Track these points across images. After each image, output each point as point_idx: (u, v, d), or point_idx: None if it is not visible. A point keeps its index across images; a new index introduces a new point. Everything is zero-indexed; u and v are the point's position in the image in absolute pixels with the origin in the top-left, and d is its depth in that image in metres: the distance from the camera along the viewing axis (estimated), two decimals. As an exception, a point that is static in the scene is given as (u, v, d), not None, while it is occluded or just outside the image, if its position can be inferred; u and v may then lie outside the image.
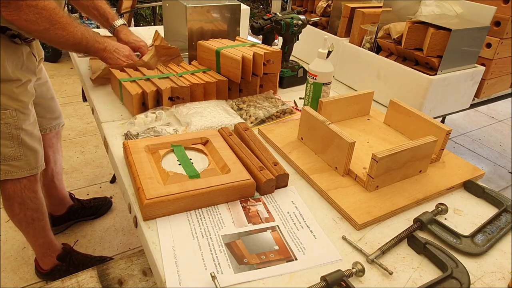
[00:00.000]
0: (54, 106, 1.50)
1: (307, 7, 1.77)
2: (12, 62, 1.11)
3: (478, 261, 0.72)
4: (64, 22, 1.02)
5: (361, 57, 1.40)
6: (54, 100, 1.50)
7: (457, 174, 0.93)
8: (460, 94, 1.37)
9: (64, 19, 1.02)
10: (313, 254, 0.69)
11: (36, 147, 1.26)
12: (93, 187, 2.13)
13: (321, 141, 0.93)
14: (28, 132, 1.22)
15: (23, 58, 1.15)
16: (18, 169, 1.23)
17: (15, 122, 1.17)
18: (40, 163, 1.30)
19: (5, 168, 1.21)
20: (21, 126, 1.18)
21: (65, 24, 1.02)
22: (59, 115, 1.54)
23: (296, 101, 1.28)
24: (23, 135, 1.20)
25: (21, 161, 1.23)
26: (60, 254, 1.53)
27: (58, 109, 1.54)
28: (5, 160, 1.20)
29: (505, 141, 3.09)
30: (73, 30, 1.04)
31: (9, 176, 1.23)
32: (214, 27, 1.42)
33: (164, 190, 0.74)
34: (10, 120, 1.15)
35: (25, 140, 1.21)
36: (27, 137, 1.21)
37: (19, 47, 1.13)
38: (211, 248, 0.69)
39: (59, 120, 1.55)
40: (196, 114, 1.08)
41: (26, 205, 1.32)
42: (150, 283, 1.38)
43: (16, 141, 1.19)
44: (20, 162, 1.23)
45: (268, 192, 0.84)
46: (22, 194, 1.29)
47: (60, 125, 1.56)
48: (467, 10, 1.39)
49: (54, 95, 1.50)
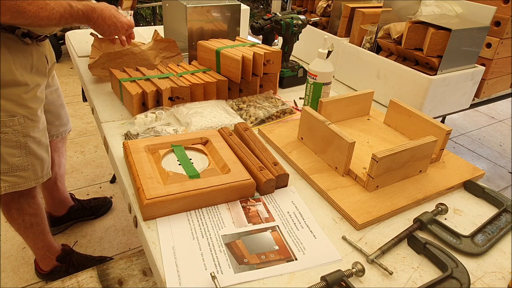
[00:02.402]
0: (64, 113, 1.48)
1: (307, 7, 1.77)
2: (21, 65, 1.06)
3: (478, 261, 0.72)
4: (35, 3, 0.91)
5: (361, 57, 1.40)
6: (64, 107, 1.48)
7: (457, 174, 0.93)
8: (460, 94, 1.37)
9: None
10: (313, 254, 0.69)
11: (43, 156, 1.21)
12: (93, 187, 2.13)
13: (321, 141, 0.93)
14: (36, 140, 1.16)
15: (33, 60, 1.10)
16: (26, 180, 1.18)
17: (23, 130, 1.11)
18: (46, 171, 1.25)
19: (12, 180, 1.15)
20: (29, 134, 1.13)
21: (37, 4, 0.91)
22: (67, 121, 1.52)
23: (296, 101, 1.28)
24: (31, 143, 1.14)
25: (29, 171, 1.17)
26: (60, 255, 1.53)
27: (67, 116, 1.52)
28: (12, 171, 1.13)
29: (505, 141, 3.09)
30: (49, 5, 0.93)
31: (17, 188, 1.17)
32: (214, 27, 1.42)
33: (164, 190, 0.74)
34: (18, 128, 1.09)
35: (33, 149, 1.16)
36: (35, 145, 1.16)
37: (28, 48, 1.08)
38: (211, 248, 0.69)
39: (67, 126, 1.53)
40: (196, 114, 1.08)
41: (24, 211, 1.30)
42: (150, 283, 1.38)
43: (23, 149, 1.13)
44: (28, 172, 1.17)
45: (268, 192, 0.84)
46: (20, 199, 1.26)
47: (68, 131, 1.54)
48: (467, 10, 1.39)
49: (64, 102, 1.48)
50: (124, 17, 1.14)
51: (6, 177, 1.13)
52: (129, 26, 1.15)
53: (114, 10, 1.11)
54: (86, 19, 1.04)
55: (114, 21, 1.10)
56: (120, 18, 1.12)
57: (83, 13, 1.02)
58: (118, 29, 1.12)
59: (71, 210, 1.79)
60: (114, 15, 1.10)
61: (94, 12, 1.05)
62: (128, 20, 1.15)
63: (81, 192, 2.07)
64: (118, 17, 1.11)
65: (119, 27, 1.12)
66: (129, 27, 1.16)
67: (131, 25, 1.16)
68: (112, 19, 1.09)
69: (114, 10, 1.11)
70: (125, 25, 1.13)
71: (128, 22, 1.15)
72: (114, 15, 1.10)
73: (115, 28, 1.11)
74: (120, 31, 1.14)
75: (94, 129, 2.65)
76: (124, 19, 1.13)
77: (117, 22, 1.11)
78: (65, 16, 0.97)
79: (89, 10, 1.03)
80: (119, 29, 1.13)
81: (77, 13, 1.00)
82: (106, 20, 1.08)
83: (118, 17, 1.11)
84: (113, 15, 1.10)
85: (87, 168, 2.27)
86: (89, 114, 2.83)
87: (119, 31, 1.14)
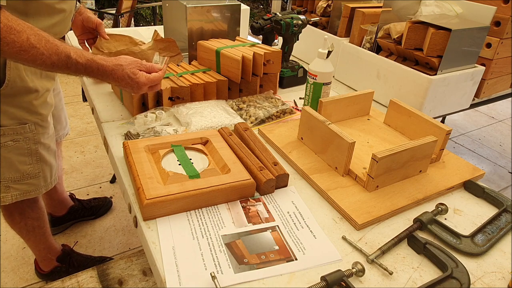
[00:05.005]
0: (64, 116, 1.48)
1: (307, 7, 1.77)
2: (31, 71, 1.01)
3: (478, 261, 0.72)
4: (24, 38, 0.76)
5: (361, 57, 1.40)
6: (64, 110, 1.48)
7: (457, 174, 0.93)
8: (460, 94, 1.37)
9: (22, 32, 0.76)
10: (313, 254, 0.69)
11: (52, 162, 1.19)
12: (93, 187, 2.13)
13: (321, 141, 0.93)
14: (46, 146, 1.14)
15: None
16: (36, 188, 1.16)
17: (34, 137, 1.08)
18: (54, 177, 1.23)
19: (23, 188, 1.13)
20: (40, 140, 1.11)
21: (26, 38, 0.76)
22: (66, 124, 1.52)
23: (296, 101, 1.28)
24: (41, 150, 1.12)
25: (39, 178, 1.15)
26: (60, 256, 1.53)
27: (66, 119, 1.51)
28: (23, 179, 1.11)
29: (505, 141, 3.09)
30: (45, 45, 0.79)
31: (27, 196, 1.15)
32: (214, 27, 1.42)
33: (164, 190, 0.74)
34: (29, 135, 1.06)
35: (43, 155, 1.13)
36: (44, 152, 1.14)
37: None
38: (211, 248, 0.69)
39: (66, 129, 1.53)
40: (196, 114, 1.08)
41: (26, 215, 1.30)
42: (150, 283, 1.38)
43: (34, 156, 1.11)
44: (38, 179, 1.15)
45: (268, 192, 0.84)
46: (22, 204, 1.25)
47: (66, 134, 1.54)
48: (467, 10, 1.39)
49: (64, 105, 1.47)
50: (144, 76, 0.92)
51: (17, 185, 1.12)
52: (152, 82, 0.94)
53: (132, 67, 0.91)
54: (91, 75, 0.88)
55: (130, 83, 0.91)
56: (137, 79, 0.91)
57: (83, 67, 0.85)
58: (135, 91, 0.95)
59: (71, 210, 1.79)
60: (129, 75, 0.90)
61: (101, 71, 0.88)
62: (147, 78, 0.93)
63: (81, 192, 2.07)
64: (134, 78, 0.91)
65: (135, 89, 0.93)
66: (152, 84, 0.95)
67: (153, 81, 0.94)
68: (125, 80, 0.90)
69: (133, 67, 0.91)
70: (143, 86, 0.93)
71: (148, 80, 0.93)
72: (129, 75, 0.90)
73: (132, 91, 0.94)
74: (137, 93, 0.97)
75: (94, 129, 2.65)
76: (143, 78, 0.92)
77: (133, 84, 0.91)
78: (58, 65, 0.82)
79: (93, 66, 0.86)
80: (136, 92, 0.95)
81: (76, 65, 0.84)
82: (121, 82, 0.91)
83: (134, 78, 0.91)
84: (128, 76, 0.90)
85: (87, 168, 2.27)
86: (89, 114, 2.83)
87: (137, 93, 0.97)
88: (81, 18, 1.26)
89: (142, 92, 0.95)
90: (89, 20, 1.26)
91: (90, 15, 1.27)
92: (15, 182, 1.11)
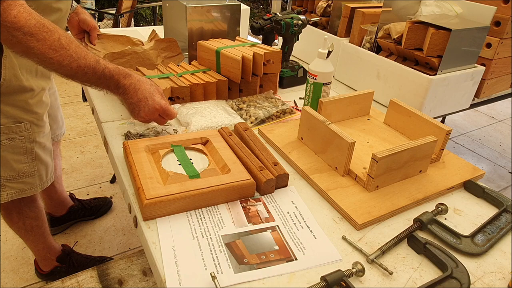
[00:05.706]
0: (60, 116, 1.48)
1: (307, 7, 1.77)
2: (26, 69, 1.02)
3: (478, 261, 0.72)
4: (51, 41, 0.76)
5: (361, 57, 1.40)
6: (60, 110, 1.48)
7: (457, 174, 0.93)
8: (460, 94, 1.37)
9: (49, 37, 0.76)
10: (313, 254, 0.69)
11: (48, 161, 1.20)
12: (93, 187, 2.13)
13: (321, 141, 0.93)
14: (42, 145, 1.15)
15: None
16: (31, 186, 1.17)
17: (30, 135, 1.09)
18: (50, 176, 1.24)
19: (18, 186, 1.13)
20: (35, 139, 1.11)
21: (51, 43, 0.76)
22: (62, 124, 1.52)
23: (296, 101, 1.28)
24: (36, 148, 1.13)
25: (34, 177, 1.16)
26: (60, 256, 1.53)
27: (62, 118, 1.52)
28: (18, 177, 1.12)
29: (505, 141, 3.09)
30: (66, 52, 0.78)
31: (23, 194, 1.15)
32: (214, 27, 1.42)
33: (164, 190, 0.74)
34: (24, 134, 1.07)
35: (39, 154, 1.14)
36: (40, 150, 1.15)
37: None
38: (211, 248, 0.69)
39: (62, 129, 1.53)
40: (196, 114, 1.08)
41: (25, 214, 1.30)
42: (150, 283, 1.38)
43: (30, 155, 1.11)
44: (34, 178, 1.16)
45: (268, 192, 0.84)
46: (20, 203, 1.25)
47: (62, 133, 1.54)
48: (467, 10, 1.39)
49: (59, 105, 1.47)
50: (164, 101, 0.91)
51: (12, 184, 1.12)
52: (164, 110, 0.91)
53: (155, 89, 0.92)
54: (115, 83, 0.86)
55: (146, 96, 0.88)
56: (156, 98, 0.90)
57: (110, 73, 0.85)
58: (149, 107, 0.89)
59: (71, 210, 1.79)
60: (150, 92, 0.90)
61: (127, 78, 0.87)
62: (166, 106, 0.91)
63: (81, 192, 2.07)
64: (153, 96, 0.90)
65: (150, 106, 0.89)
66: (164, 113, 0.92)
67: (166, 111, 0.92)
68: (145, 93, 0.89)
69: (156, 90, 0.92)
70: (158, 107, 0.90)
71: (165, 106, 0.91)
72: (151, 92, 0.90)
73: (146, 104, 0.89)
74: (150, 111, 0.90)
75: (94, 129, 2.65)
76: (163, 102, 0.91)
77: (149, 99, 0.89)
78: (84, 70, 0.81)
79: (120, 73, 0.86)
80: (150, 108, 0.89)
81: (103, 71, 0.83)
82: (138, 93, 0.88)
83: (153, 96, 0.90)
84: (149, 91, 0.89)
85: (87, 168, 2.27)
86: (89, 114, 2.83)
87: (149, 111, 0.90)
88: (77, 18, 1.27)
89: (152, 114, 0.91)
90: (85, 22, 1.29)
91: (86, 18, 1.28)
92: (10, 180, 1.11)
